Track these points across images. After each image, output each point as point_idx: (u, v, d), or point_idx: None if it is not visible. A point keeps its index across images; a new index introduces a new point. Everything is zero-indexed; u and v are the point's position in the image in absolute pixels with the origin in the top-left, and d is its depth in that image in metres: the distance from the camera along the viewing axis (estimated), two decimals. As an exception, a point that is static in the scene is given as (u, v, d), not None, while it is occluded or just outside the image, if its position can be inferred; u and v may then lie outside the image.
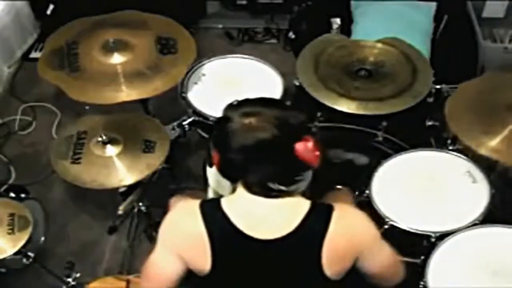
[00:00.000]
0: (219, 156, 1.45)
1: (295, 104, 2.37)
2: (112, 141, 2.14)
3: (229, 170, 1.47)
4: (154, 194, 2.41)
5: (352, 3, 3.12)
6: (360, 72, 2.37)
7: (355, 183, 2.11)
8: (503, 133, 1.95)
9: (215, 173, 1.55)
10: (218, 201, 1.48)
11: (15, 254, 2.07)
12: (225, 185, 1.71)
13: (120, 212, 2.32)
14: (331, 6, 3.22)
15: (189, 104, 2.39)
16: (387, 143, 2.25)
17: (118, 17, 2.49)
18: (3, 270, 2.41)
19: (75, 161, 2.12)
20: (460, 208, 1.96)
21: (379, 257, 1.52)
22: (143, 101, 2.50)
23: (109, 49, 2.30)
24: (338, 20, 3.14)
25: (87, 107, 2.18)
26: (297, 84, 2.34)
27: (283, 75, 2.47)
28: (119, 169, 2.09)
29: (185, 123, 2.40)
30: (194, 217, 1.45)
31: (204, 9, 3.74)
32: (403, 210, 1.97)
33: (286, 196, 1.44)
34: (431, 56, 2.76)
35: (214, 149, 1.47)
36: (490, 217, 1.93)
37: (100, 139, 2.13)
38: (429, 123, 2.34)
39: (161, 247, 1.52)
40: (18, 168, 2.96)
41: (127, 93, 2.19)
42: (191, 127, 2.42)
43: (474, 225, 1.90)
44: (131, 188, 2.26)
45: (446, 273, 1.78)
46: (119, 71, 2.25)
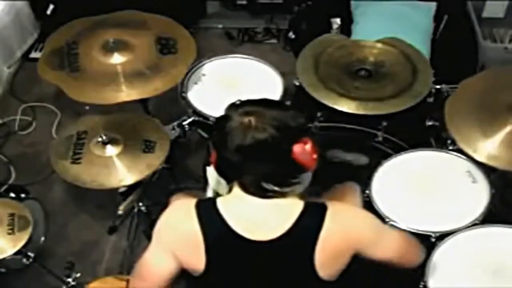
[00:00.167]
0: (217, 155, 1.45)
1: (295, 104, 2.37)
2: (112, 141, 2.14)
3: (225, 169, 1.48)
4: (154, 194, 2.41)
5: (352, 3, 3.12)
6: (360, 72, 2.37)
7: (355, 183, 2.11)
8: (503, 134, 1.96)
9: (215, 172, 1.55)
10: (213, 201, 1.48)
11: (15, 254, 2.07)
12: (224, 185, 1.70)
13: (120, 212, 2.32)
14: (331, 6, 3.22)
15: (189, 104, 2.39)
16: (387, 143, 2.25)
17: (118, 17, 2.49)
18: (3, 270, 2.41)
19: (75, 161, 2.12)
20: (460, 208, 1.96)
21: (387, 245, 1.52)
22: (143, 101, 2.50)
23: (109, 49, 2.30)
24: (338, 20, 3.14)
25: (87, 107, 2.18)
26: (297, 84, 2.34)
27: (283, 75, 2.47)
28: (119, 169, 2.09)
29: (185, 123, 2.39)
30: (189, 216, 1.46)
31: (204, 9, 3.74)
32: (403, 210, 1.97)
33: (281, 197, 1.44)
34: (431, 56, 2.76)
35: (212, 147, 1.47)
36: (490, 217, 1.93)
37: (100, 139, 2.13)
38: (429, 123, 2.34)
39: (155, 246, 1.52)
40: (18, 168, 2.96)
41: (127, 93, 2.19)
42: (191, 127, 2.41)
43: (474, 225, 1.90)
44: (131, 188, 2.26)
45: (446, 273, 1.78)
46: (119, 71, 2.25)
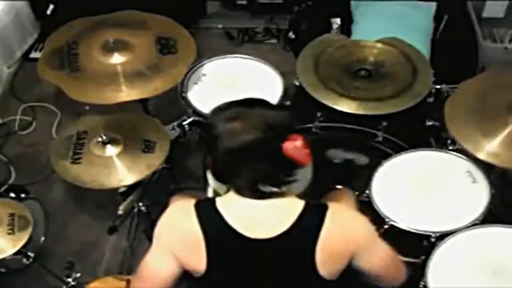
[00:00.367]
0: (209, 159, 1.46)
1: (295, 104, 2.37)
2: (112, 141, 2.14)
3: (219, 173, 1.48)
4: (154, 194, 2.41)
5: (352, 3, 3.12)
6: (360, 72, 2.37)
7: (355, 183, 2.11)
8: (503, 134, 1.96)
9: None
10: (213, 201, 1.48)
11: (15, 254, 2.07)
12: (225, 185, 1.71)
13: (120, 212, 2.32)
14: (331, 6, 3.22)
15: (189, 104, 2.39)
16: (387, 143, 2.25)
17: (118, 17, 2.48)
18: (3, 270, 2.41)
19: (75, 161, 2.12)
20: (460, 208, 1.96)
21: (376, 256, 1.51)
22: (143, 101, 2.50)
23: (109, 49, 2.29)
24: (338, 20, 3.14)
25: (87, 107, 2.18)
26: (297, 84, 2.34)
27: (283, 75, 2.46)
28: (119, 169, 2.09)
29: (185, 123, 2.39)
30: (189, 217, 1.45)
31: (204, 9, 3.75)
32: (403, 210, 1.97)
33: (279, 197, 1.44)
34: (431, 56, 2.76)
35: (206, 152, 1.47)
36: (490, 217, 1.93)
37: (100, 139, 2.12)
38: (429, 123, 2.34)
39: (156, 247, 1.52)
40: (18, 168, 2.97)
41: (127, 93, 2.19)
42: (191, 127, 2.41)
43: (474, 225, 1.90)
44: (131, 188, 2.26)
45: (446, 273, 1.78)
46: (119, 71, 2.25)
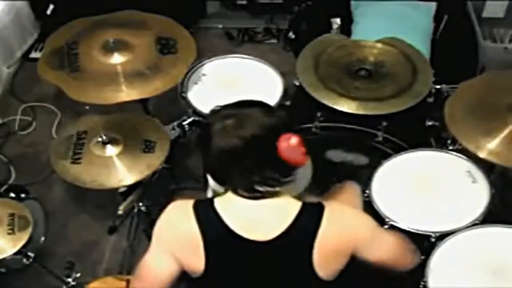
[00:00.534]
0: (205, 160, 1.46)
1: (295, 104, 2.37)
2: (112, 141, 2.14)
3: (214, 174, 1.48)
4: (154, 194, 2.41)
5: (352, 3, 3.12)
6: (360, 72, 2.37)
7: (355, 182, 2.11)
8: (503, 134, 1.96)
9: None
10: (211, 202, 1.48)
11: (15, 254, 2.06)
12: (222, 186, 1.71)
13: (120, 212, 2.32)
14: (331, 6, 3.22)
15: (189, 104, 2.39)
16: (387, 143, 2.25)
17: (118, 17, 2.48)
18: (3, 270, 2.41)
19: (75, 161, 2.12)
20: (460, 208, 1.96)
21: (380, 249, 1.52)
22: (143, 101, 2.50)
23: (109, 49, 2.30)
24: (338, 20, 3.14)
25: (87, 107, 2.18)
26: (297, 84, 2.34)
27: (283, 75, 2.46)
28: (119, 169, 2.09)
29: (185, 123, 2.39)
30: (187, 217, 1.46)
31: (204, 9, 3.75)
32: (403, 210, 1.97)
33: (275, 197, 1.44)
34: (431, 56, 2.76)
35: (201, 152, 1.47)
36: (490, 217, 1.93)
37: (100, 139, 2.12)
38: (429, 123, 2.34)
39: (155, 247, 1.52)
40: (18, 168, 2.96)
41: (127, 93, 2.19)
42: (191, 127, 2.41)
43: (474, 225, 1.90)
44: (131, 188, 2.25)
45: (446, 273, 1.78)
46: (119, 71, 2.25)
